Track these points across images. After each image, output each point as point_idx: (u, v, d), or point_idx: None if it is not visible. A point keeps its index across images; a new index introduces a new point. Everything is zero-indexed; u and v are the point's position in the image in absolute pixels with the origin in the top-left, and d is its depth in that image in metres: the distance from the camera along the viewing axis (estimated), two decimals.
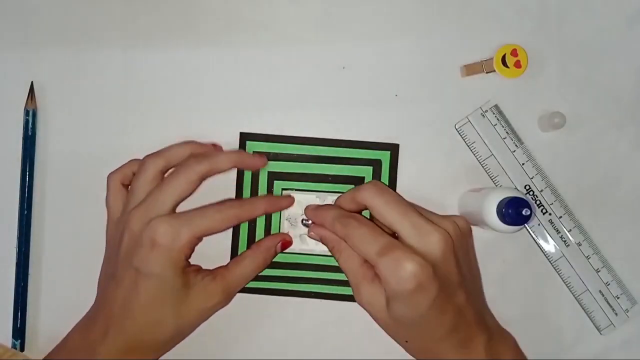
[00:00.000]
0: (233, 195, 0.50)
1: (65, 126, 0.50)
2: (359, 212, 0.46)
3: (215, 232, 0.44)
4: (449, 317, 0.41)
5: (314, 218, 0.47)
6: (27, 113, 0.49)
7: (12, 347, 0.49)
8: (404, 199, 0.44)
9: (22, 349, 0.49)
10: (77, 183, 0.50)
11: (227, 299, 0.46)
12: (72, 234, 0.50)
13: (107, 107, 0.50)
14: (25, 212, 0.49)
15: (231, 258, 0.49)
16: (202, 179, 0.45)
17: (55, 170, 0.50)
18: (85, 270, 0.48)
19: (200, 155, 0.46)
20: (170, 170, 0.47)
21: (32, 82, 0.50)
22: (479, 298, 0.47)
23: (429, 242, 0.41)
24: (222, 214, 0.45)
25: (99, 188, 0.49)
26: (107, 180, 0.47)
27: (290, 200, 0.49)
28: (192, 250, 0.44)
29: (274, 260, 0.49)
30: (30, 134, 0.49)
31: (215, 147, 0.49)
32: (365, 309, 0.44)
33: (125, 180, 0.48)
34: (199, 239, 0.44)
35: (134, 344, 0.43)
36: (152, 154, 0.47)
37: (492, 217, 0.43)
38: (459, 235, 0.43)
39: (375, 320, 0.44)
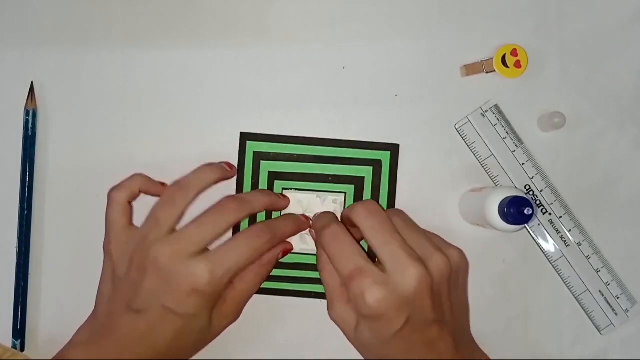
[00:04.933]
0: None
1: (65, 126, 0.50)
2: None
3: (248, 265, 0.44)
4: (417, 349, 0.41)
5: (313, 221, 0.48)
6: (27, 113, 0.49)
7: (12, 347, 0.49)
8: (391, 225, 0.42)
9: (22, 349, 0.49)
10: (77, 183, 0.50)
11: (238, 316, 0.47)
12: (72, 234, 0.50)
13: (107, 107, 0.50)
14: (25, 212, 0.49)
15: None
16: (238, 222, 0.45)
17: (55, 170, 0.50)
18: (86, 271, 0.48)
19: (237, 197, 0.46)
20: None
21: (32, 82, 0.50)
22: (461, 333, 0.45)
23: (404, 276, 0.40)
24: (255, 246, 0.44)
25: (99, 188, 0.49)
26: (111, 196, 0.46)
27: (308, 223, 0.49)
28: (225, 288, 0.45)
29: None
30: (30, 134, 0.49)
31: (231, 168, 0.48)
32: (336, 324, 0.44)
33: (132, 198, 0.46)
34: (235, 275, 0.44)
35: None
36: (179, 185, 0.45)
37: (494, 216, 0.43)
38: (446, 272, 0.42)
39: (345, 336, 0.44)
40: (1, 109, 0.50)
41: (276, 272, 0.50)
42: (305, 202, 0.49)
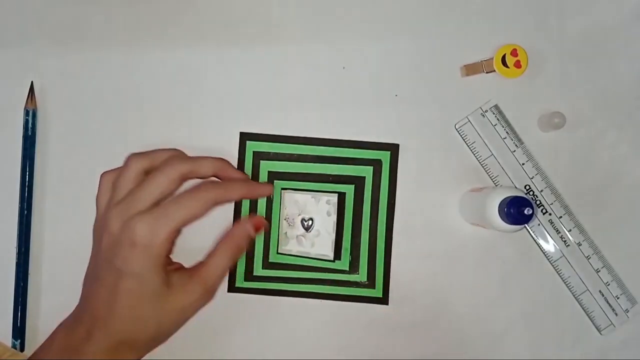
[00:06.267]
0: None
1: (65, 126, 0.50)
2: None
3: (194, 220, 0.44)
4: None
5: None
6: (27, 113, 0.49)
7: (12, 347, 0.49)
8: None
9: (22, 349, 0.49)
10: (77, 183, 0.50)
11: (207, 295, 0.45)
12: (72, 234, 0.49)
13: (107, 107, 0.50)
14: (25, 212, 0.49)
15: None
16: (184, 179, 0.45)
17: (55, 170, 0.50)
18: (85, 271, 0.48)
19: (183, 156, 0.46)
20: None
21: (32, 82, 0.50)
22: None
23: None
24: (198, 200, 0.44)
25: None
26: (100, 179, 0.47)
27: (269, 189, 0.48)
28: (173, 244, 0.44)
29: (271, 261, 0.49)
30: (30, 134, 0.49)
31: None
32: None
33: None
34: (179, 232, 0.44)
35: (117, 344, 0.43)
36: (137, 153, 0.46)
37: (494, 216, 0.43)
38: None
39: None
40: (1, 109, 0.50)
41: (276, 273, 0.50)
42: (301, 202, 0.49)
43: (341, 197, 0.49)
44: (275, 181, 0.50)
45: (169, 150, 0.47)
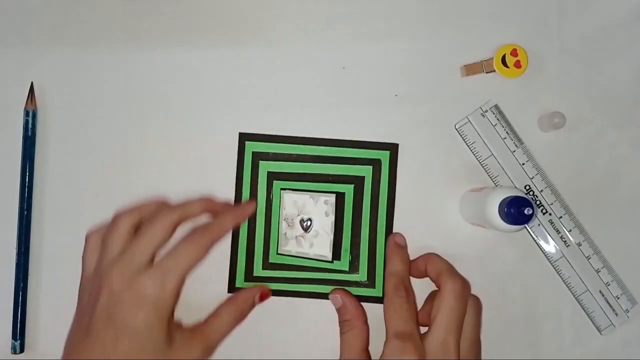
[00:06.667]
0: (232, 195, 0.50)
1: (65, 126, 0.50)
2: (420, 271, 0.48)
3: (197, 265, 0.44)
4: None
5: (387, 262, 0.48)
6: (27, 113, 0.49)
7: (12, 347, 0.49)
8: (462, 318, 0.44)
9: (22, 349, 0.49)
10: (77, 183, 0.50)
11: (206, 354, 0.45)
12: (72, 234, 0.49)
13: (107, 107, 0.50)
14: (25, 212, 0.49)
15: (230, 260, 0.50)
16: (177, 226, 0.46)
17: (55, 170, 0.50)
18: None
19: (170, 204, 0.47)
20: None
21: (32, 82, 0.50)
22: None
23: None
24: (198, 245, 0.44)
25: (99, 188, 0.49)
26: (86, 237, 0.47)
27: (253, 205, 0.49)
28: (179, 296, 0.44)
29: (271, 261, 0.50)
30: (30, 134, 0.49)
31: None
32: None
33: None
34: (184, 281, 0.44)
35: None
36: (124, 209, 0.47)
37: (494, 216, 0.43)
38: None
39: None
40: (1, 109, 0.50)
41: (276, 273, 0.50)
42: (300, 202, 0.49)
43: (341, 197, 0.49)
44: (274, 181, 0.50)
45: (155, 202, 0.48)
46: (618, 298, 0.49)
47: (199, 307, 0.46)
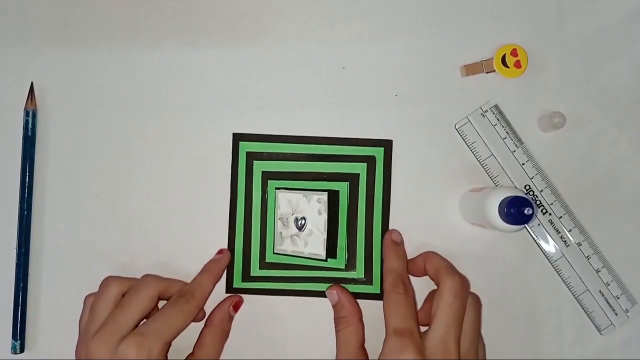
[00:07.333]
0: (228, 196, 0.50)
1: (65, 126, 0.50)
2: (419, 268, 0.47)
3: (181, 332, 0.44)
4: None
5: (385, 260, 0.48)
6: (27, 113, 0.49)
7: (12, 347, 0.49)
8: (462, 314, 0.43)
9: (22, 349, 0.49)
10: (77, 183, 0.50)
11: None
12: (72, 234, 0.50)
13: (107, 107, 0.50)
14: (25, 212, 0.49)
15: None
16: (160, 297, 0.46)
17: (55, 170, 0.50)
18: (85, 271, 0.48)
19: (156, 275, 0.47)
20: None
21: (32, 82, 0.50)
22: None
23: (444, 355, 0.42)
24: (182, 313, 0.44)
25: (99, 188, 0.49)
26: (84, 301, 0.47)
27: (227, 256, 0.49)
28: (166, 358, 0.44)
29: (267, 261, 0.50)
30: (30, 134, 0.49)
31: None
32: None
33: None
34: (170, 346, 0.44)
35: None
36: (113, 276, 0.47)
37: (494, 216, 0.43)
38: None
39: None
40: (1, 109, 0.50)
41: (272, 273, 0.50)
42: (294, 201, 0.49)
43: (335, 194, 0.49)
44: (269, 181, 0.50)
45: (146, 277, 0.47)
46: (618, 298, 0.49)
47: None
